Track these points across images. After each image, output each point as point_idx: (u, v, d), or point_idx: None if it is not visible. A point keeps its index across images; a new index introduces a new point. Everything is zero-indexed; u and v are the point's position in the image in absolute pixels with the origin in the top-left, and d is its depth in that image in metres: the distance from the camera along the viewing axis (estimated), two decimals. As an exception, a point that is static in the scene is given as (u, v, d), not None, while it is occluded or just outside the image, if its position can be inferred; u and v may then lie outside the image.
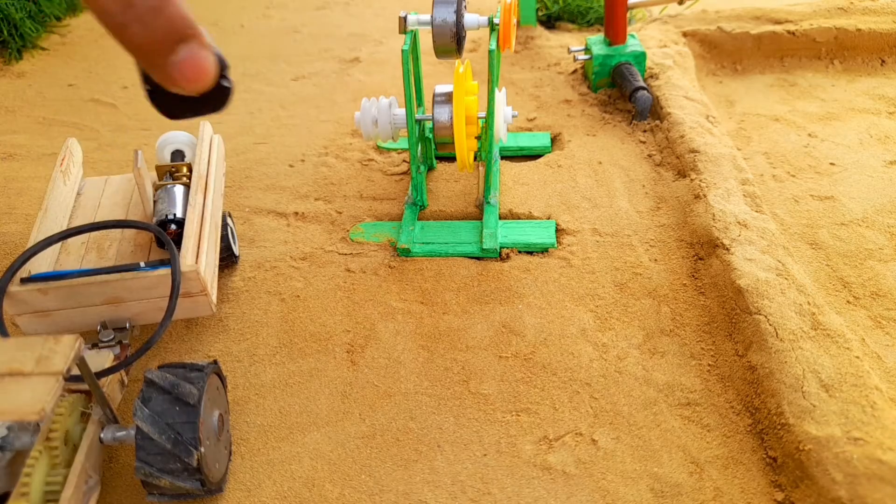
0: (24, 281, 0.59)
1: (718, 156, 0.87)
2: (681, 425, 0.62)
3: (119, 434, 0.53)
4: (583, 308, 0.73)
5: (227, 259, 0.78)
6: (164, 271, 0.60)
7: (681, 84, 1.04)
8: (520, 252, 0.80)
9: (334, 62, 1.28)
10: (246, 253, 0.82)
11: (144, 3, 0.18)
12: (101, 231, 0.69)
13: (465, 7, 0.75)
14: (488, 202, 0.85)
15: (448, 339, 0.70)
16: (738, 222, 0.76)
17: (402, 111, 0.80)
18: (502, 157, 0.99)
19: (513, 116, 0.81)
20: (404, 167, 0.95)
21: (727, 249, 0.73)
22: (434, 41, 0.75)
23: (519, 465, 0.59)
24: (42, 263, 0.64)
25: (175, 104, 0.31)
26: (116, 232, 0.69)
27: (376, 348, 0.70)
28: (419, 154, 0.83)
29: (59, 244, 0.68)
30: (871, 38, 1.17)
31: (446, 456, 0.60)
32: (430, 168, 0.94)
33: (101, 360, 0.59)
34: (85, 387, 0.55)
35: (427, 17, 0.75)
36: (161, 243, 0.66)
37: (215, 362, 0.58)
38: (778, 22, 1.20)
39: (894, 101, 1.08)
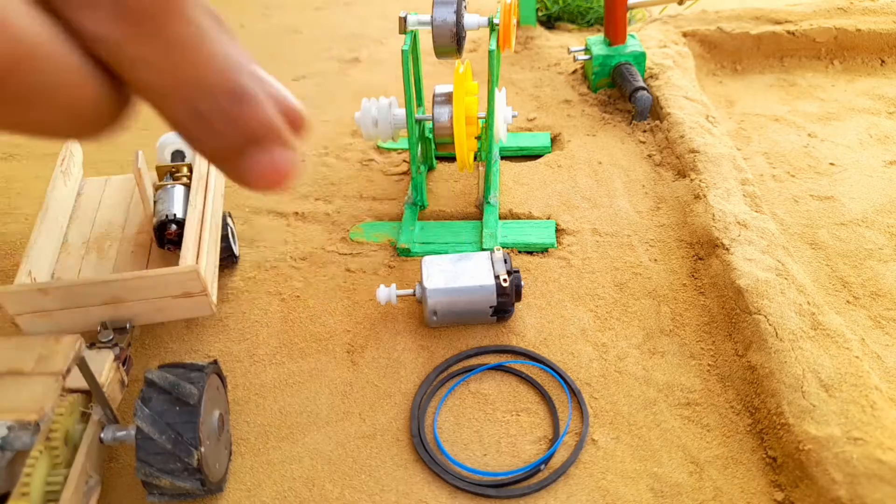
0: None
1: (718, 156, 0.87)
2: (680, 425, 0.62)
3: (119, 434, 0.53)
4: (583, 308, 0.73)
5: (227, 259, 0.78)
6: (165, 271, 0.60)
7: (680, 84, 1.04)
8: (520, 252, 0.81)
9: (334, 62, 1.28)
10: (246, 253, 0.82)
11: (217, 116, 0.17)
12: (100, 230, 0.69)
13: (465, 7, 0.75)
14: (488, 202, 0.85)
15: (448, 340, 0.70)
16: (738, 222, 0.76)
17: (402, 111, 0.80)
18: (502, 158, 0.99)
19: (513, 116, 0.81)
20: (404, 167, 0.95)
21: (727, 249, 0.73)
22: (434, 41, 0.75)
23: (519, 464, 0.59)
24: (42, 263, 0.64)
25: None
26: (117, 231, 0.69)
27: (376, 348, 0.70)
28: (419, 154, 0.83)
29: (59, 243, 0.68)
30: (871, 39, 1.17)
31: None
32: (430, 168, 0.94)
33: (101, 360, 0.59)
34: (85, 386, 0.55)
35: (427, 18, 0.75)
36: (162, 243, 0.66)
37: (215, 362, 0.58)
38: (778, 22, 1.20)
39: (894, 101, 1.08)
